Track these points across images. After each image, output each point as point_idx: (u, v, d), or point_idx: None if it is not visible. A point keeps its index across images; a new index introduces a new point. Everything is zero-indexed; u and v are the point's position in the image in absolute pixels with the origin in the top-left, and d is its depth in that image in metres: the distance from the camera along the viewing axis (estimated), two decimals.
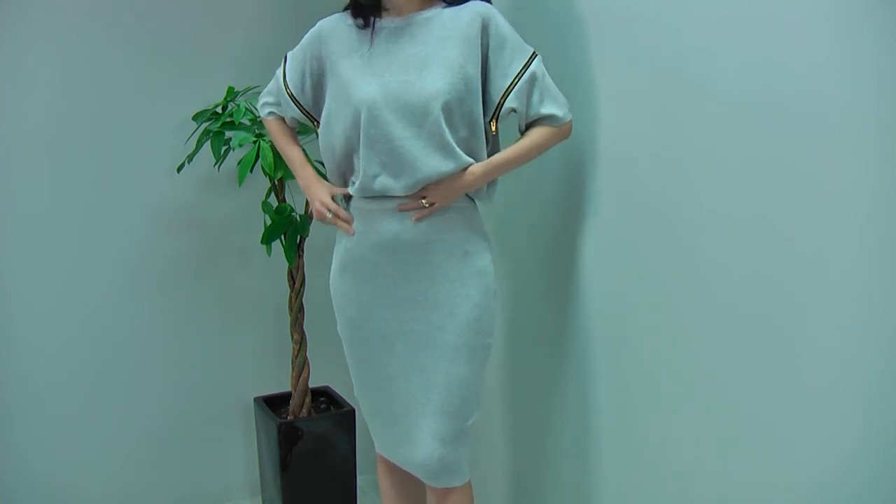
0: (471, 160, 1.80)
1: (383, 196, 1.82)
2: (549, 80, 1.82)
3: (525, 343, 2.24)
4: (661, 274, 1.71)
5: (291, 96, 1.94)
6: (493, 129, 1.84)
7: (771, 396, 1.45)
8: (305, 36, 1.94)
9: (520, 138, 1.85)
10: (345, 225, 1.89)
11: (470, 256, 1.84)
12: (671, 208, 1.66)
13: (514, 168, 1.87)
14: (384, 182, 1.80)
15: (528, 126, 1.85)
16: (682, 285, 1.65)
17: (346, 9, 1.90)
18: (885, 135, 1.22)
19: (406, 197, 1.80)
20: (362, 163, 1.81)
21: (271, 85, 2.02)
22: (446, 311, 1.82)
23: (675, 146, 1.63)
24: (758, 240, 1.45)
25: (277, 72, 1.99)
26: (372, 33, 1.83)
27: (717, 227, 1.54)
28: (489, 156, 1.87)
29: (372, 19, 1.84)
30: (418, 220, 1.80)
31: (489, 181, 1.85)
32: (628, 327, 1.82)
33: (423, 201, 1.80)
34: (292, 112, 1.96)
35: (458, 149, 1.78)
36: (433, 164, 1.77)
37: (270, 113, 2.03)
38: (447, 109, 1.76)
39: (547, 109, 1.80)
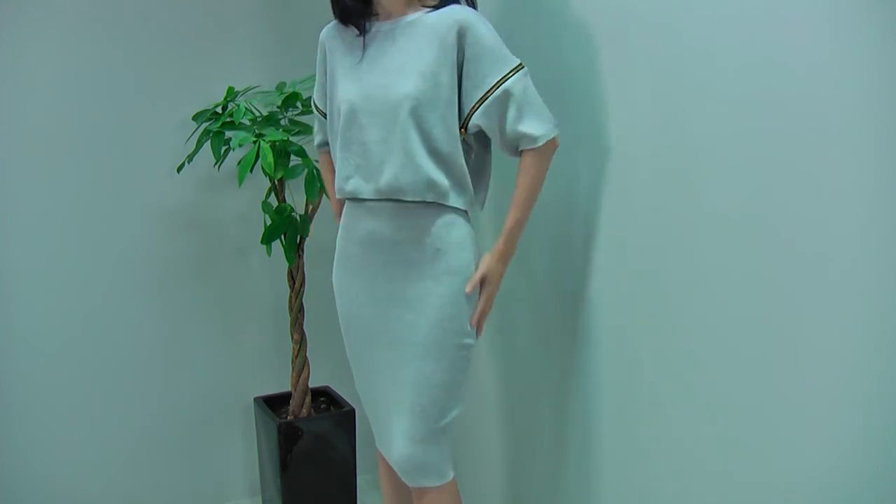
0: (429, 174, 1.76)
1: (355, 198, 1.85)
2: (532, 94, 1.74)
3: (522, 342, 2.24)
4: (661, 273, 1.71)
5: (322, 113, 2.01)
6: (462, 134, 1.79)
7: (771, 396, 1.45)
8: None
9: (518, 172, 1.79)
10: None
11: (442, 255, 1.81)
12: (671, 208, 1.66)
13: (533, 204, 1.82)
14: (356, 184, 1.83)
15: (506, 144, 1.79)
16: (681, 285, 1.65)
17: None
18: (885, 135, 1.22)
19: (376, 201, 1.81)
20: (339, 164, 1.86)
21: (315, 122, 2.10)
22: (418, 310, 1.81)
23: (675, 146, 1.63)
24: (758, 240, 1.45)
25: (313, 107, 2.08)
26: (364, 39, 1.84)
27: (717, 227, 1.54)
28: (468, 164, 1.82)
29: (363, 25, 1.84)
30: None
31: (520, 232, 1.84)
32: (628, 327, 1.82)
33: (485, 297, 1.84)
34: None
35: (426, 157, 1.75)
36: (395, 170, 1.76)
37: (319, 144, 2.10)
38: (416, 115, 1.74)
39: (525, 127, 1.73)
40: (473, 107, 1.76)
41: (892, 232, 1.22)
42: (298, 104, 2.42)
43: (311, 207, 2.49)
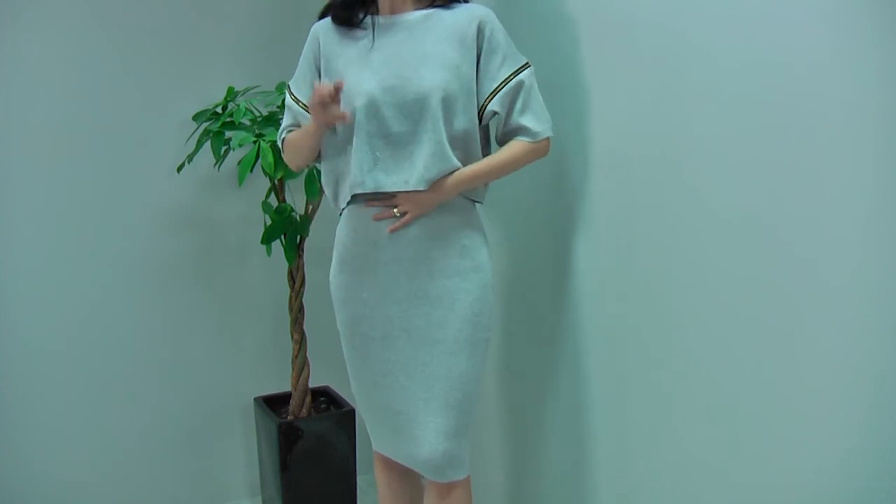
0: (458, 164, 1.80)
1: (375, 192, 1.82)
2: (536, 92, 1.83)
3: (523, 341, 2.24)
4: (660, 273, 1.71)
5: (306, 108, 1.90)
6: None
7: (771, 396, 1.45)
8: (303, 51, 1.94)
9: (503, 148, 1.86)
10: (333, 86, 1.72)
11: (467, 251, 1.85)
12: (670, 208, 1.66)
13: (488, 181, 1.87)
14: (377, 177, 1.81)
15: (506, 136, 1.86)
16: (681, 285, 1.65)
17: (322, 17, 1.91)
18: (885, 135, 1.22)
19: (393, 194, 1.81)
20: (356, 158, 1.81)
21: (285, 119, 1.97)
22: (446, 306, 1.83)
23: (675, 146, 1.63)
24: (757, 240, 1.45)
25: (287, 102, 1.95)
26: (373, 32, 1.84)
27: (717, 226, 1.54)
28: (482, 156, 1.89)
29: (372, 19, 1.85)
30: (392, 231, 1.82)
31: (463, 191, 1.84)
32: (627, 327, 1.82)
33: (395, 211, 1.82)
34: None
35: (449, 147, 1.79)
36: (426, 160, 1.78)
37: (284, 134, 1.96)
38: (445, 107, 1.77)
39: (526, 120, 1.81)
40: (489, 96, 1.82)
41: (892, 232, 1.22)
42: None
43: (311, 207, 2.49)
